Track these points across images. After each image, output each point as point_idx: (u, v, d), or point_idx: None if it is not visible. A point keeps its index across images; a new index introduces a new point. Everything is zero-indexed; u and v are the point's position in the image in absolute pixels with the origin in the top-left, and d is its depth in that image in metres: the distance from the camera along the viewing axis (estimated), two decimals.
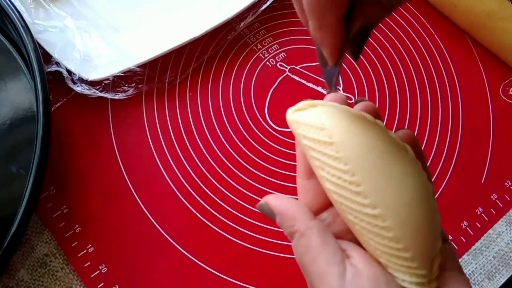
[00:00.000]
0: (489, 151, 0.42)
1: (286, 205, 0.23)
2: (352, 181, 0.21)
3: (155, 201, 0.39)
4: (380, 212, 0.20)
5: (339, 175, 0.22)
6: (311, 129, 0.23)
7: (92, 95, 0.40)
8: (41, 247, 0.37)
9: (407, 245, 0.20)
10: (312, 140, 0.23)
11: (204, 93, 0.43)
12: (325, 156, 0.22)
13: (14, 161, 0.38)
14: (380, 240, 0.21)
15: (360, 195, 0.21)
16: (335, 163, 0.22)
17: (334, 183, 0.22)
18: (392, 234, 0.20)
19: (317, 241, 0.21)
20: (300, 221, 0.22)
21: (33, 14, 0.42)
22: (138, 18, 0.44)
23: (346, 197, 0.21)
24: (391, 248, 0.20)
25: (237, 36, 0.45)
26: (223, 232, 0.38)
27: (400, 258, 0.20)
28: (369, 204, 0.21)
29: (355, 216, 0.21)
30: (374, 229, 0.21)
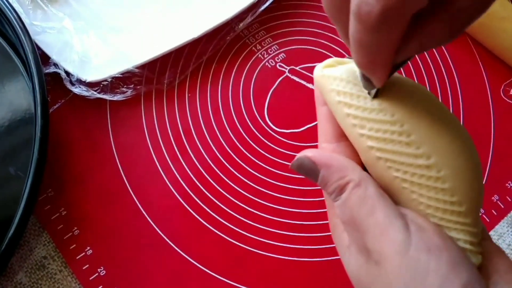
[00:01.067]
0: (490, 152, 0.41)
1: (331, 157, 0.21)
2: (402, 131, 0.20)
3: (153, 203, 0.38)
4: (434, 162, 0.19)
5: (386, 128, 0.20)
6: (348, 84, 0.21)
7: (90, 97, 0.39)
8: (39, 250, 0.37)
9: (462, 198, 0.19)
10: (350, 95, 0.21)
11: (203, 94, 0.43)
12: (366, 110, 0.21)
13: (12, 163, 0.38)
14: (434, 194, 0.19)
15: (412, 145, 0.20)
16: (380, 115, 0.20)
17: (378, 139, 0.20)
18: (448, 185, 0.19)
19: (375, 192, 0.19)
20: (353, 171, 0.20)
21: (31, 16, 0.42)
22: (137, 19, 0.44)
23: (395, 151, 0.20)
24: (445, 202, 0.19)
25: (236, 37, 0.44)
26: (223, 234, 0.37)
27: (454, 213, 0.19)
28: (423, 154, 0.19)
29: (404, 171, 0.20)
30: (428, 181, 0.19)
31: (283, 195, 0.39)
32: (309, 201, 0.39)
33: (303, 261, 0.37)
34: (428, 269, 0.17)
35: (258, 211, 0.38)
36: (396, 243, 0.18)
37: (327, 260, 0.37)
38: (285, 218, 0.38)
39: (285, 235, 0.37)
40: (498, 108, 0.43)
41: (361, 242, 0.19)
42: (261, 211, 0.38)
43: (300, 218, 0.38)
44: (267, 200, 0.39)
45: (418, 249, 0.18)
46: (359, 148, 0.21)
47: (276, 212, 0.38)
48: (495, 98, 0.43)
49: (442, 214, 0.20)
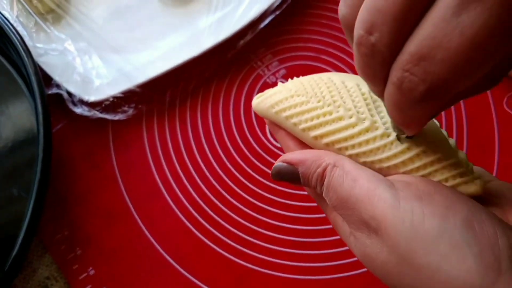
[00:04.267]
0: (495, 165, 0.41)
1: (303, 152, 0.21)
2: (327, 111, 0.21)
3: (156, 222, 0.38)
4: (371, 122, 0.20)
5: (316, 113, 0.21)
6: (274, 96, 0.23)
7: (92, 117, 0.40)
8: (42, 270, 0.37)
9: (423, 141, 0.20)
10: (280, 102, 0.23)
11: (204, 112, 0.43)
12: (297, 106, 0.22)
13: (15, 183, 0.38)
14: (388, 152, 0.20)
15: (343, 118, 0.21)
16: (308, 105, 0.22)
17: (316, 126, 0.22)
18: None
19: (353, 166, 0.20)
20: (327, 156, 0.20)
21: (34, 38, 0.42)
22: (137, 39, 0.44)
23: (334, 130, 0.21)
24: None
25: (236, 54, 0.45)
26: (225, 252, 0.37)
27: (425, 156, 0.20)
28: (357, 121, 0.21)
29: (352, 145, 0.21)
30: (380, 141, 0.20)
31: (286, 212, 0.39)
32: (312, 218, 0.38)
33: (306, 279, 0.36)
34: (423, 215, 0.17)
35: (261, 229, 0.38)
36: (386, 201, 0.18)
37: (331, 278, 0.36)
38: (288, 235, 0.38)
39: (288, 252, 0.37)
40: (502, 120, 0.42)
41: (357, 218, 0.19)
42: (263, 228, 0.38)
43: (303, 235, 0.38)
44: (269, 217, 0.38)
45: (408, 200, 0.17)
46: (312, 144, 0.22)
47: (279, 229, 0.38)
48: (498, 110, 0.43)
49: (410, 165, 0.20)
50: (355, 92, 0.21)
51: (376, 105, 0.21)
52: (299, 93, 0.22)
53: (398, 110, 0.17)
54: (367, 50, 0.16)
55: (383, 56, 0.15)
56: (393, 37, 0.15)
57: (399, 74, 0.15)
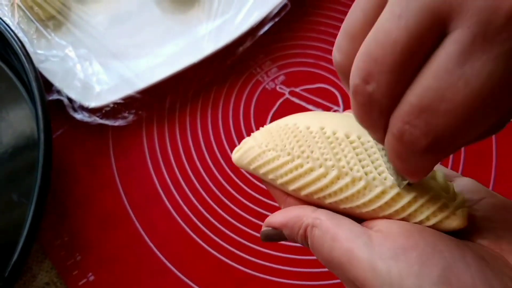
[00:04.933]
0: (493, 171, 0.41)
1: (284, 214, 0.21)
2: (298, 164, 0.21)
3: (155, 228, 0.38)
4: (338, 170, 0.20)
5: (288, 168, 0.21)
6: (247, 153, 0.23)
7: (93, 122, 0.40)
8: (42, 276, 0.37)
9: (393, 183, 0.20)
10: (255, 159, 0.23)
11: (204, 117, 0.43)
12: (270, 162, 0.22)
13: (15, 189, 0.38)
14: (364, 199, 0.20)
15: (314, 169, 0.21)
16: (280, 160, 0.22)
17: (291, 180, 0.22)
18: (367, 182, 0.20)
19: (330, 224, 0.19)
20: (305, 216, 0.20)
21: (35, 44, 0.42)
22: (138, 45, 0.45)
23: (308, 183, 0.21)
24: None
25: (236, 60, 0.45)
26: (225, 258, 0.37)
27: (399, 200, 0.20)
28: (326, 172, 0.20)
29: (328, 194, 0.21)
30: (352, 190, 0.20)
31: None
32: None
33: (306, 284, 0.36)
34: (400, 276, 0.17)
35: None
36: (364, 263, 0.17)
37: (331, 284, 0.36)
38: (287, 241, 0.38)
39: (287, 258, 0.37)
40: None
41: (344, 277, 0.19)
42: None
43: None
44: None
45: (385, 260, 0.17)
46: (295, 195, 0.22)
47: None
48: None
49: (387, 209, 0.20)
50: (320, 137, 0.21)
51: (342, 147, 0.21)
52: (269, 147, 0.22)
53: (400, 160, 0.16)
54: (364, 99, 0.15)
55: (381, 105, 0.15)
56: (391, 87, 0.14)
57: (400, 126, 0.14)
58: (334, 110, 0.43)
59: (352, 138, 0.21)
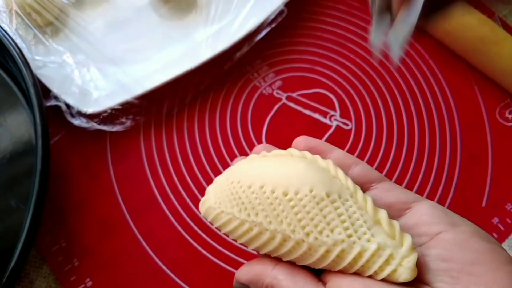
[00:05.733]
0: (489, 175, 0.41)
1: (248, 270, 0.23)
2: (248, 229, 0.22)
3: (153, 233, 0.38)
4: (282, 236, 0.21)
5: (240, 233, 0.22)
6: (216, 219, 0.24)
7: (90, 128, 0.40)
8: (40, 282, 0.37)
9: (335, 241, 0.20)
10: (222, 227, 0.23)
11: (201, 123, 0.43)
12: (224, 227, 0.23)
13: (13, 195, 0.38)
14: (311, 259, 0.20)
15: (261, 235, 0.21)
16: (229, 227, 0.23)
17: (247, 242, 0.22)
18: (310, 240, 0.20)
19: (286, 285, 0.21)
20: (264, 275, 0.22)
21: (33, 51, 0.43)
22: (135, 51, 0.45)
23: (260, 246, 0.22)
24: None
25: (233, 66, 0.45)
26: (222, 263, 0.37)
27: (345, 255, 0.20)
28: (272, 237, 0.21)
29: (281, 255, 0.21)
30: (297, 253, 0.21)
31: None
32: None
33: None
34: None
35: None
36: None
37: None
38: None
39: None
40: (495, 130, 0.43)
41: None
42: None
43: None
44: None
45: None
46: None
47: None
48: (491, 121, 0.44)
49: (337, 266, 0.20)
50: (260, 198, 0.21)
51: (282, 208, 0.21)
52: (222, 208, 0.23)
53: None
54: None
55: None
56: None
57: None
58: (331, 115, 0.44)
59: (290, 196, 0.21)
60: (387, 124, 0.43)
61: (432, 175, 0.41)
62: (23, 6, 0.43)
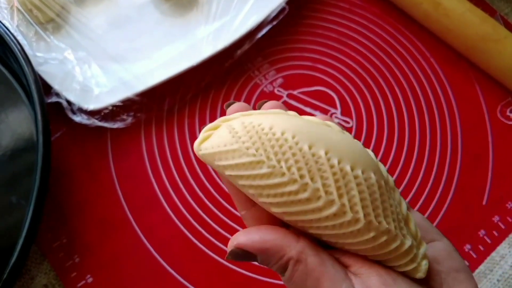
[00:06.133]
0: (489, 173, 0.41)
1: (263, 240, 0.20)
2: (298, 189, 0.19)
3: (154, 230, 0.39)
4: (340, 206, 0.19)
5: (282, 191, 0.19)
6: (227, 155, 0.20)
7: (91, 125, 0.40)
8: (41, 278, 0.37)
9: (377, 232, 0.19)
10: (236, 166, 0.20)
11: (202, 120, 0.43)
12: (256, 178, 0.19)
13: (14, 191, 0.38)
14: (353, 239, 0.19)
15: (312, 200, 0.19)
16: (270, 180, 0.19)
17: (279, 204, 0.19)
18: (360, 225, 0.19)
19: (315, 262, 0.19)
20: (289, 248, 0.19)
21: (34, 47, 0.43)
22: (136, 48, 0.45)
23: (299, 211, 0.19)
24: (367, 241, 0.19)
25: (234, 63, 0.45)
26: (223, 261, 0.37)
27: (377, 248, 0.19)
28: (325, 205, 0.19)
29: (317, 227, 0.19)
30: (342, 229, 0.19)
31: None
32: None
33: None
34: None
35: None
36: None
37: None
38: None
39: None
40: (496, 128, 0.43)
41: None
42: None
43: None
44: None
45: None
46: (268, 210, 0.20)
47: None
48: (492, 119, 0.44)
49: (371, 252, 0.20)
50: (324, 165, 0.19)
51: (345, 182, 0.19)
52: (258, 158, 0.19)
53: None
54: None
55: None
56: None
57: None
58: (332, 113, 0.44)
59: (357, 173, 0.19)
60: (388, 122, 0.43)
61: (433, 173, 0.41)
62: (24, 2, 0.43)
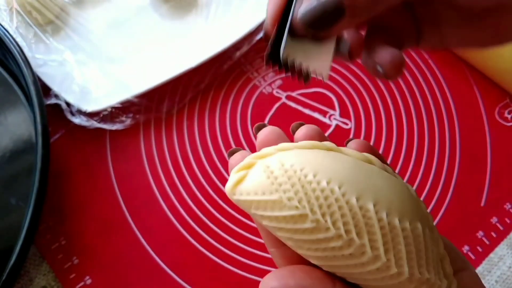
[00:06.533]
0: (488, 174, 0.42)
1: (299, 284, 0.18)
2: (342, 245, 0.17)
3: (153, 232, 0.39)
4: (384, 262, 0.17)
5: (324, 246, 0.18)
6: (266, 205, 0.18)
7: (90, 127, 0.40)
8: (39, 279, 0.37)
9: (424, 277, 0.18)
10: (274, 219, 0.18)
11: (201, 122, 0.43)
12: (297, 232, 0.18)
13: (13, 193, 0.38)
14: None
15: (356, 255, 0.18)
16: (312, 235, 0.18)
17: (320, 258, 0.18)
18: (405, 273, 0.18)
19: None
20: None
21: (33, 49, 0.43)
22: (135, 50, 0.45)
23: (342, 265, 0.18)
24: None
25: (233, 65, 0.45)
26: (222, 262, 0.37)
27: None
28: (369, 260, 0.17)
29: (359, 279, 0.18)
30: (384, 281, 0.18)
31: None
32: None
33: None
34: None
35: (259, 238, 0.38)
36: None
37: None
38: None
39: None
40: (494, 130, 0.43)
41: None
42: (261, 237, 0.38)
43: None
44: None
45: None
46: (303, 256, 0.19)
47: None
48: (490, 120, 0.44)
49: None
50: (372, 219, 0.18)
51: (393, 236, 0.18)
52: (301, 212, 0.18)
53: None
54: None
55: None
56: None
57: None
58: (330, 115, 0.44)
59: (404, 225, 0.18)
60: (386, 123, 0.43)
61: (431, 174, 0.41)
62: (23, 4, 0.43)
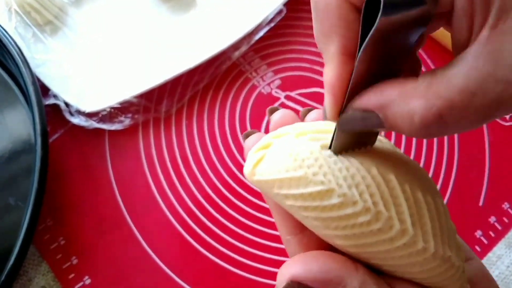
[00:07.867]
0: (486, 174, 0.42)
1: (322, 271, 0.17)
2: (371, 220, 0.17)
3: (152, 232, 0.39)
4: (413, 235, 0.17)
5: (353, 223, 0.17)
6: (290, 182, 0.17)
7: (89, 127, 0.40)
8: (39, 279, 0.37)
9: (446, 253, 0.18)
10: (300, 196, 0.17)
11: (200, 122, 0.44)
12: (325, 209, 0.17)
13: (12, 193, 0.38)
14: (419, 268, 0.17)
15: (383, 232, 0.17)
16: (341, 211, 0.17)
17: (347, 236, 0.17)
18: (429, 253, 0.17)
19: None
20: (350, 278, 0.17)
21: (32, 49, 0.43)
22: (134, 49, 0.45)
23: (368, 244, 0.17)
24: (430, 268, 0.17)
25: (232, 65, 0.45)
26: (222, 262, 0.38)
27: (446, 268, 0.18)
28: (396, 235, 0.17)
29: (383, 258, 0.17)
30: (410, 258, 0.17)
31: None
32: None
33: None
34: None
35: (258, 238, 0.38)
36: None
37: None
38: None
39: (284, 261, 0.37)
40: (492, 129, 0.43)
41: None
42: (261, 237, 0.39)
43: None
44: (266, 227, 0.39)
45: None
46: (328, 241, 0.18)
47: (275, 238, 0.38)
48: None
49: (429, 279, 0.18)
50: (395, 189, 0.17)
51: (418, 207, 0.17)
52: (328, 187, 0.17)
53: None
54: None
55: None
56: None
57: None
58: None
59: (427, 199, 0.18)
60: None
61: (430, 174, 0.41)
62: (22, 4, 0.43)
